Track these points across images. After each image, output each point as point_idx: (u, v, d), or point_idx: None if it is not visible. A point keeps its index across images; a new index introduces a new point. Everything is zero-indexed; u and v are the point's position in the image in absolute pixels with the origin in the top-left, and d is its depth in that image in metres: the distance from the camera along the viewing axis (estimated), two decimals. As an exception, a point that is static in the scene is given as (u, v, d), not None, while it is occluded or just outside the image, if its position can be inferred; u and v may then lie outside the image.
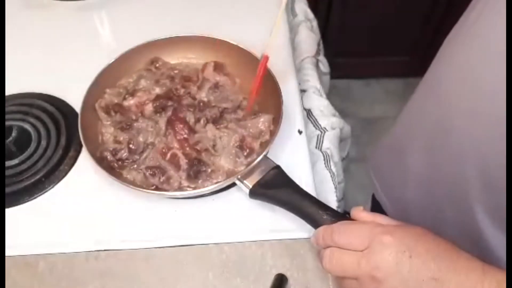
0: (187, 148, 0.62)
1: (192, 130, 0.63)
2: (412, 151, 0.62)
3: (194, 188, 0.59)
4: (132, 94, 0.67)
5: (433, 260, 0.41)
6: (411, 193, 0.64)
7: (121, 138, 0.63)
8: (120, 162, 0.61)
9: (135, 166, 0.61)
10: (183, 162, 0.60)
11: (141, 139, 0.63)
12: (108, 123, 0.65)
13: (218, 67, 0.70)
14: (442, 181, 0.56)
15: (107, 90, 0.68)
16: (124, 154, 0.61)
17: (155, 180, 0.59)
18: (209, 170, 0.60)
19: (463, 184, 0.52)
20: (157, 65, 0.72)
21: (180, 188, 0.59)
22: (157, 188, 0.59)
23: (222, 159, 0.61)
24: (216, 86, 0.69)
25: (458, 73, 0.50)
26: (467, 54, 0.49)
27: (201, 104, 0.66)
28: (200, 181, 0.59)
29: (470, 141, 0.49)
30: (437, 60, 0.57)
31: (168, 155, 0.61)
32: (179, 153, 0.61)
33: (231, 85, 0.70)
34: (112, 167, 0.61)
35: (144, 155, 0.62)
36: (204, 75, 0.70)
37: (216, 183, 0.58)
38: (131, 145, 0.62)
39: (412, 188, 0.63)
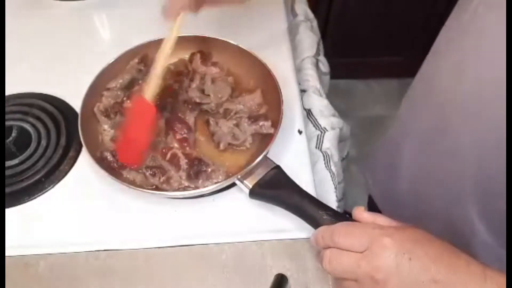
0: (187, 148, 0.62)
1: (191, 129, 0.63)
2: (407, 147, 0.61)
3: (194, 188, 0.59)
4: (129, 97, 0.67)
5: (433, 263, 0.41)
6: (402, 188, 0.64)
7: (121, 139, 0.63)
8: (120, 162, 0.61)
9: (135, 166, 0.61)
10: (183, 162, 0.60)
11: (141, 139, 0.63)
12: (108, 126, 0.65)
13: (205, 57, 0.70)
14: (435, 179, 0.56)
15: (104, 93, 0.67)
16: (124, 154, 0.61)
17: (155, 180, 0.59)
18: (209, 170, 0.60)
19: (457, 184, 0.52)
20: (146, 63, 0.71)
21: (180, 188, 0.59)
22: (157, 188, 0.59)
23: (249, 138, 0.63)
24: (213, 81, 0.68)
25: (454, 71, 0.50)
26: (462, 53, 0.49)
27: (196, 99, 0.66)
28: (200, 181, 0.59)
29: (467, 140, 0.49)
30: (432, 55, 0.57)
31: (168, 155, 0.61)
32: (179, 153, 0.61)
33: (224, 77, 0.70)
34: (112, 167, 0.60)
35: (144, 155, 0.62)
36: (193, 66, 0.70)
37: (216, 183, 0.58)
38: (131, 145, 0.62)
39: (404, 183, 0.63)
